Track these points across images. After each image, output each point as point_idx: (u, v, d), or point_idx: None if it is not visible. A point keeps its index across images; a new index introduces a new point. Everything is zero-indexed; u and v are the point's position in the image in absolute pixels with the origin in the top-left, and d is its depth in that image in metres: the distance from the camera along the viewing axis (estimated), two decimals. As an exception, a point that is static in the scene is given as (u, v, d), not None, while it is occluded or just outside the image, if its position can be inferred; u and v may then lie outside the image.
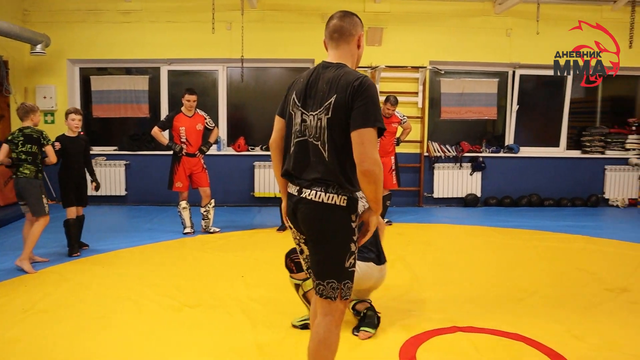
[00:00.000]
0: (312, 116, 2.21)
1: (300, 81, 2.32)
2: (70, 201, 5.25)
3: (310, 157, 2.20)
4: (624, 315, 3.72)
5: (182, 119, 6.13)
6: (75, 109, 5.34)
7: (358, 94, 2.11)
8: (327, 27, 2.35)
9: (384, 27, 8.13)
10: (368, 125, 2.08)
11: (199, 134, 6.20)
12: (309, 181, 2.19)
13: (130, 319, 3.59)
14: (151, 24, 8.00)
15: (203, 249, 5.58)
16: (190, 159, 6.18)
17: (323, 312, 2.25)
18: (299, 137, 2.25)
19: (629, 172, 8.63)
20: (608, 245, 5.89)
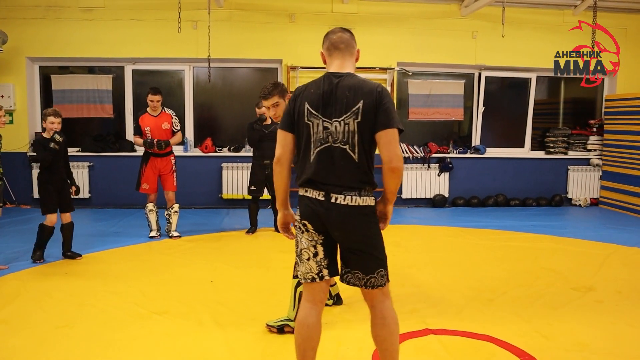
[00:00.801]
0: (337, 122, 2.35)
1: (311, 92, 2.42)
2: (50, 208, 4.96)
3: (337, 162, 2.34)
4: (591, 315, 3.80)
5: (147, 119, 5.97)
6: (54, 110, 4.99)
7: (381, 98, 2.35)
8: (329, 40, 2.50)
9: (352, 28, 8.08)
10: (393, 126, 2.33)
11: (165, 133, 5.97)
12: (339, 186, 2.34)
13: (94, 328, 3.46)
14: (114, 21, 7.79)
15: (170, 253, 5.45)
16: (159, 159, 6.00)
17: (381, 300, 2.46)
18: (321, 144, 2.36)
19: (591, 172, 8.85)
20: (572, 244, 6.02)
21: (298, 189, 2.46)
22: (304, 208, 2.42)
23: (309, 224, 2.41)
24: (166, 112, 6.05)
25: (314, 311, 2.47)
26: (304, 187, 2.42)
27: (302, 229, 2.45)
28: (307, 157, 2.39)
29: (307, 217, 2.41)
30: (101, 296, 4.06)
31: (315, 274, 2.45)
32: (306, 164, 2.39)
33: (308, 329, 2.45)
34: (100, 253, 5.41)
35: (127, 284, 4.37)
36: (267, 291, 4.25)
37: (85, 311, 3.76)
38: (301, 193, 2.44)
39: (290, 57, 8.02)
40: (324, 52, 2.53)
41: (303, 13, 8.05)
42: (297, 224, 2.50)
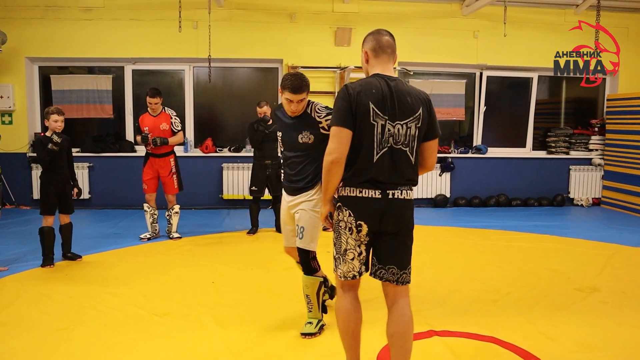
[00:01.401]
0: (399, 125, 2.42)
1: (372, 92, 2.40)
2: (49, 209, 4.89)
3: (397, 164, 2.43)
4: (596, 316, 3.76)
5: (146, 119, 5.90)
6: (57, 108, 4.90)
7: (432, 108, 2.56)
8: (377, 41, 2.53)
9: (352, 27, 8.08)
10: (439, 135, 2.60)
11: (164, 134, 5.87)
12: (396, 184, 2.44)
13: (95, 330, 3.42)
14: (114, 21, 7.74)
15: (171, 255, 5.41)
16: (157, 159, 5.92)
17: (404, 296, 2.53)
18: (385, 146, 2.40)
19: (593, 172, 8.82)
20: (575, 244, 5.98)
21: (345, 188, 2.46)
22: (361, 209, 2.43)
23: (365, 225, 2.44)
24: (166, 112, 5.96)
25: (355, 299, 2.60)
26: (360, 186, 2.43)
27: (354, 230, 2.46)
28: (369, 157, 2.39)
29: (365, 218, 2.43)
30: (101, 298, 4.02)
31: (357, 272, 2.53)
32: (367, 164, 2.40)
33: (356, 313, 2.57)
34: (101, 254, 5.37)
35: (127, 286, 4.33)
36: (268, 292, 4.22)
37: (85, 313, 3.72)
38: (354, 194, 2.44)
39: (291, 57, 7.98)
40: (368, 51, 2.54)
41: (303, 12, 8.01)
42: (344, 225, 2.48)
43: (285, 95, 3.21)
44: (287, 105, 3.24)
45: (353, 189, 2.44)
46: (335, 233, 2.54)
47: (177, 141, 6.01)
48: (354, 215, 2.44)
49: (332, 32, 8.07)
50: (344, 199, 2.47)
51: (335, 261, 2.56)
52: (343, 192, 2.48)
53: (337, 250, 2.54)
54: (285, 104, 3.25)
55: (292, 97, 3.19)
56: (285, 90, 3.19)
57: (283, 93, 3.22)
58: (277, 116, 3.45)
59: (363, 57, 2.57)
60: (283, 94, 3.23)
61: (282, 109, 3.41)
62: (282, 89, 3.23)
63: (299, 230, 3.32)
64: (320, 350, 3.18)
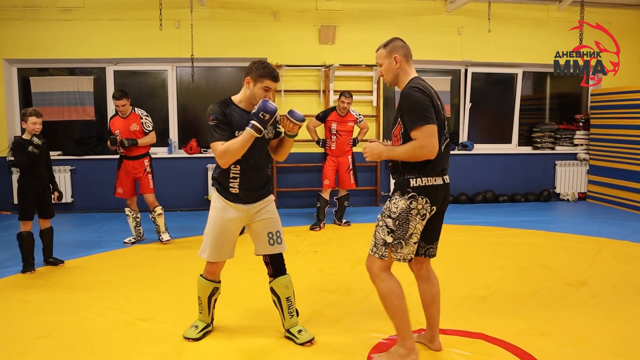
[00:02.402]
0: (446, 120, 2.88)
1: (433, 92, 2.81)
2: (28, 214, 4.75)
3: (448, 151, 2.91)
4: (586, 310, 3.75)
5: (117, 122, 5.74)
6: (35, 110, 4.76)
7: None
8: (406, 48, 2.94)
9: (336, 25, 8.03)
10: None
11: (135, 135, 5.70)
12: (447, 169, 2.88)
13: (77, 337, 3.32)
14: (94, 21, 7.60)
15: (156, 258, 5.31)
16: (130, 162, 5.77)
17: (430, 265, 3.06)
18: (445, 137, 2.85)
19: (578, 167, 8.86)
20: (563, 239, 5.99)
21: (422, 178, 2.75)
22: (437, 194, 2.79)
23: (438, 209, 2.83)
24: (136, 112, 5.77)
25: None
26: (435, 175, 2.78)
27: (427, 215, 2.78)
28: (440, 149, 2.76)
29: (437, 203, 2.80)
30: (84, 303, 3.92)
31: (413, 254, 2.85)
32: (440, 155, 2.76)
33: (402, 289, 2.86)
34: (83, 259, 5.25)
35: (111, 291, 4.23)
36: (254, 294, 4.14)
37: (67, 320, 3.62)
38: (430, 183, 2.76)
39: (275, 56, 7.89)
40: (401, 58, 2.87)
41: (287, 10, 7.93)
42: (416, 212, 2.75)
43: (265, 83, 2.95)
44: (261, 96, 2.97)
45: (430, 178, 2.76)
46: (401, 220, 2.75)
47: (149, 141, 5.82)
48: (430, 202, 2.76)
49: (316, 30, 8.01)
50: (419, 189, 2.75)
51: (392, 246, 2.78)
52: (420, 182, 2.75)
53: (399, 235, 2.77)
54: (259, 95, 2.96)
55: (273, 86, 3.01)
56: (266, 79, 2.95)
57: (260, 82, 2.95)
58: (232, 115, 3.00)
59: (393, 61, 2.87)
60: (259, 83, 2.96)
61: (233, 106, 3.04)
62: (259, 77, 2.95)
63: (275, 235, 3.18)
64: (310, 351, 3.12)
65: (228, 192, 3.08)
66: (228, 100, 3.07)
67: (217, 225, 3.11)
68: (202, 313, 3.32)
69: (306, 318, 3.58)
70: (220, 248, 3.15)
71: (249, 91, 3.01)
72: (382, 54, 2.92)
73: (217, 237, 3.12)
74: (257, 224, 3.17)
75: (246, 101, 3.04)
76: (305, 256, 5.29)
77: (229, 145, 2.89)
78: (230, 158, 2.91)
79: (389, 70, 2.91)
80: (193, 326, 3.31)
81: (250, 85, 2.99)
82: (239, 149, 2.89)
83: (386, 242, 2.81)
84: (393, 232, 2.79)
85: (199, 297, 3.30)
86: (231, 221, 3.11)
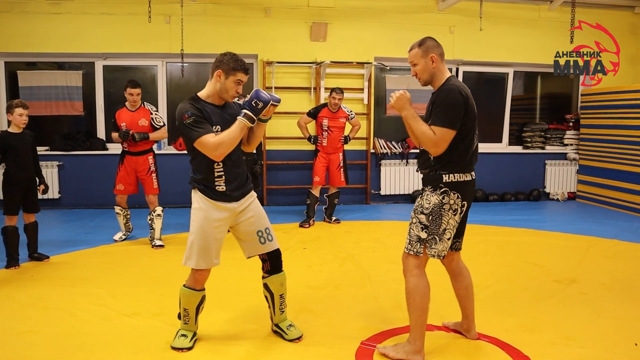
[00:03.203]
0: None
1: (469, 94, 2.86)
2: (13, 208, 4.67)
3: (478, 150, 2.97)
4: (575, 307, 3.75)
5: (124, 114, 5.55)
6: (21, 102, 4.65)
7: None
8: (440, 47, 3.00)
9: (328, 22, 7.99)
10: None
11: (143, 130, 5.54)
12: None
13: (61, 332, 3.27)
14: (83, 15, 7.51)
15: (143, 254, 5.26)
16: (134, 158, 5.58)
17: (460, 258, 3.16)
18: (476, 135, 2.92)
19: (568, 166, 8.90)
20: (552, 237, 6.00)
21: (455, 174, 2.80)
22: (467, 190, 2.85)
23: (467, 205, 2.88)
24: (145, 107, 5.63)
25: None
26: (467, 171, 2.84)
27: (459, 211, 2.83)
28: (473, 146, 2.87)
29: (468, 198, 2.88)
30: (69, 299, 3.86)
31: (446, 251, 2.87)
32: (473, 153, 2.87)
33: (429, 291, 2.89)
34: (69, 254, 5.18)
35: (96, 286, 4.17)
36: (242, 290, 4.10)
37: (51, 315, 3.56)
38: (462, 179, 2.81)
39: (266, 52, 7.85)
40: (437, 56, 2.92)
41: (279, 7, 7.89)
42: (449, 207, 2.79)
43: (237, 76, 2.88)
44: (233, 89, 2.90)
45: (462, 174, 2.82)
46: (434, 215, 2.80)
47: (160, 136, 5.67)
48: (462, 197, 2.81)
49: (308, 27, 7.98)
50: (452, 184, 2.79)
51: (427, 242, 2.82)
52: (452, 178, 2.79)
53: (432, 231, 2.82)
54: (231, 88, 2.88)
55: (245, 78, 2.92)
56: (239, 72, 2.87)
57: (233, 75, 2.87)
58: (205, 110, 2.92)
59: (429, 61, 2.90)
60: (232, 76, 2.87)
61: (202, 102, 2.96)
62: (231, 71, 2.86)
63: (264, 232, 3.08)
64: (299, 347, 3.09)
65: (214, 191, 2.94)
66: (195, 97, 2.97)
67: (204, 228, 2.94)
68: (187, 324, 3.10)
69: (294, 314, 3.55)
70: (207, 253, 2.97)
71: (219, 84, 2.91)
72: (418, 53, 2.94)
73: (204, 240, 2.95)
74: (243, 224, 3.05)
75: (215, 95, 2.96)
76: (294, 253, 5.26)
77: (223, 137, 2.81)
78: (226, 149, 2.82)
79: (425, 69, 2.92)
80: (181, 336, 3.08)
81: (221, 79, 2.89)
82: (234, 139, 2.83)
83: (420, 239, 2.84)
84: (427, 227, 2.83)
85: (184, 309, 3.06)
86: (218, 222, 2.96)
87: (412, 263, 2.87)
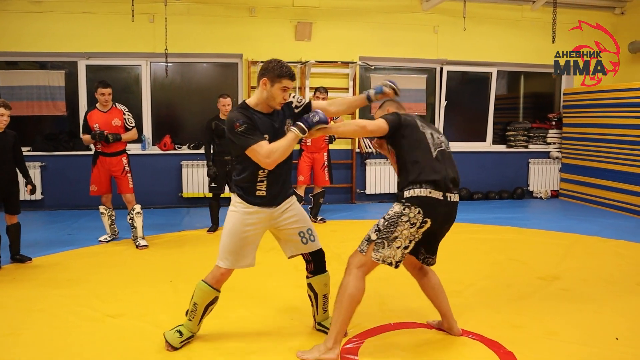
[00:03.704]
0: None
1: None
2: None
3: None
4: (558, 302, 3.80)
5: (96, 115, 5.49)
6: (3, 101, 4.58)
7: None
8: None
9: (313, 22, 8.00)
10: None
11: (116, 131, 5.48)
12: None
13: (44, 334, 3.23)
14: (66, 14, 7.42)
15: (127, 254, 5.21)
16: (108, 159, 5.52)
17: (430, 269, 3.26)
18: (435, 147, 3.08)
19: (551, 165, 9.00)
20: (536, 235, 6.07)
21: (418, 189, 2.88)
22: (433, 208, 2.87)
23: (432, 223, 2.89)
24: (117, 107, 5.58)
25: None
26: (432, 188, 2.89)
27: (419, 225, 2.85)
28: (428, 163, 3.02)
29: (436, 218, 2.92)
30: (52, 300, 3.82)
31: (396, 262, 2.87)
32: (427, 165, 2.99)
33: (361, 299, 2.92)
34: (53, 256, 5.11)
35: (80, 287, 4.13)
36: (227, 290, 4.07)
37: (33, 317, 3.51)
38: (424, 194, 2.86)
39: (251, 52, 7.83)
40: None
41: (263, 7, 7.87)
42: (411, 220, 2.83)
43: (283, 83, 2.84)
44: (280, 96, 2.87)
45: (422, 189, 2.89)
46: (390, 222, 2.88)
47: (131, 137, 5.64)
48: (424, 214, 2.88)
49: (293, 26, 7.97)
50: (412, 199, 2.88)
51: (375, 244, 2.88)
52: (412, 193, 2.88)
53: (383, 235, 2.88)
54: (278, 95, 2.86)
55: (291, 85, 2.90)
56: (284, 78, 2.84)
57: (278, 82, 2.84)
58: (254, 119, 2.88)
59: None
60: (277, 83, 2.84)
61: (252, 110, 2.91)
62: (277, 78, 2.83)
63: (306, 233, 3.11)
64: (278, 345, 3.09)
65: (254, 197, 2.95)
66: (244, 105, 2.95)
67: (234, 231, 2.96)
68: (191, 321, 3.06)
69: (281, 313, 3.55)
70: (241, 254, 2.99)
71: (265, 93, 2.88)
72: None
73: (237, 242, 2.97)
74: (284, 225, 3.07)
75: (263, 103, 2.93)
76: (279, 252, 5.21)
77: (275, 145, 2.81)
78: (279, 157, 2.83)
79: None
80: (177, 331, 3.06)
81: (267, 87, 2.87)
82: (287, 148, 2.84)
83: (370, 239, 2.90)
84: (380, 230, 2.88)
85: (194, 303, 3.05)
86: (253, 225, 2.97)
87: (355, 262, 2.92)
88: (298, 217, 3.10)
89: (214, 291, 3.06)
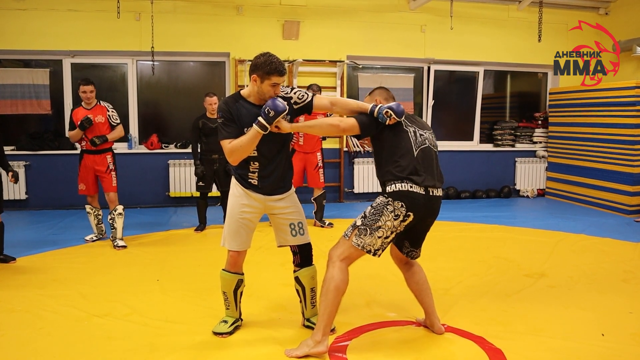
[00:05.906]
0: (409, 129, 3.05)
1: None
2: None
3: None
4: (544, 299, 3.82)
5: (80, 113, 5.42)
6: None
7: None
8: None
9: (300, 20, 7.98)
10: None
11: (100, 127, 5.41)
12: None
13: (28, 334, 3.19)
14: (50, 11, 7.33)
15: (114, 254, 5.16)
16: (92, 156, 5.46)
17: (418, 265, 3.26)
18: (417, 145, 3.00)
19: (537, 164, 9.07)
20: (522, 233, 6.11)
21: (399, 183, 2.90)
22: (415, 202, 2.87)
23: (415, 217, 2.91)
24: (101, 104, 5.51)
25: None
26: (412, 183, 2.90)
27: (402, 218, 2.87)
28: (411, 159, 2.98)
29: (418, 212, 2.92)
30: (36, 301, 3.76)
31: (375, 250, 2.89)
32: (408, 160, 2.96)
33: (345, 290, 2.91)
34: (37, 256, 5.05)
35: (65, 287, 4.08)
36: (215, 289, 4.05)
37: (17, 317, 3.46)
38: (406, 188, 2.87)
39: (238, 50, 7.80)
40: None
41: (250, 5, 7.84)
42: (395, 212, 2.85)
43: (272, 80, 2.86)
44: (271, 91, 2.89)
45: (404, 184, 2.90)
46: (376, 210, 2.92)
47: (118, 136, 5.57)
48: (407, 207, 2.89)
49: (280, 25, 7.95)
50: (394, 194, 2.89)
51: (358, 230, 2.91)
52: (394, 188, 2.90)
53: (368, 222, 2.92)
54: (268, 91, 2.88)
55: (281, 80, 2.91)
56: (273, 75, 2.85)
57: (268, 79, 2.86)
58: (240, 110, 2.94)
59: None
60: (267, 80, 2.86)
61: (242, 100, 2.96)
62: (266, 75, 2.85)
63: (297, 226, 3.16)
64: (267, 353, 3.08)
65: (247, 182, 3.07)
66: (237, 95, 3.02)
67: (235, 212, 3.08)
68: (229, 309, 3.23)
69: (268, 311, 3.55)
70: (238, 236, 3.09)
71: (256, 87, 2.93)
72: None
73: (234, 224, 3.08)
74: (278, 214, 3.14)
75: (255, 96, 2.97)
76: (267, 251, 5.23)
77: (236, 143, 2.88)
78: (238, 156, 2.91)
79: None
80: (222, 321, 3.22)
81: (257, 83, 2.90)
82: (246, 146, 2.87)
83: (355, 224, 2.94)
84: (365, 217, 2.92)
85: (224, 292, 3.20)
86: (247, 207, 3.07)
87: (338, 254, 2.93)
88: (292, 208, 3.16)
89: (234, 275, 3.17)
